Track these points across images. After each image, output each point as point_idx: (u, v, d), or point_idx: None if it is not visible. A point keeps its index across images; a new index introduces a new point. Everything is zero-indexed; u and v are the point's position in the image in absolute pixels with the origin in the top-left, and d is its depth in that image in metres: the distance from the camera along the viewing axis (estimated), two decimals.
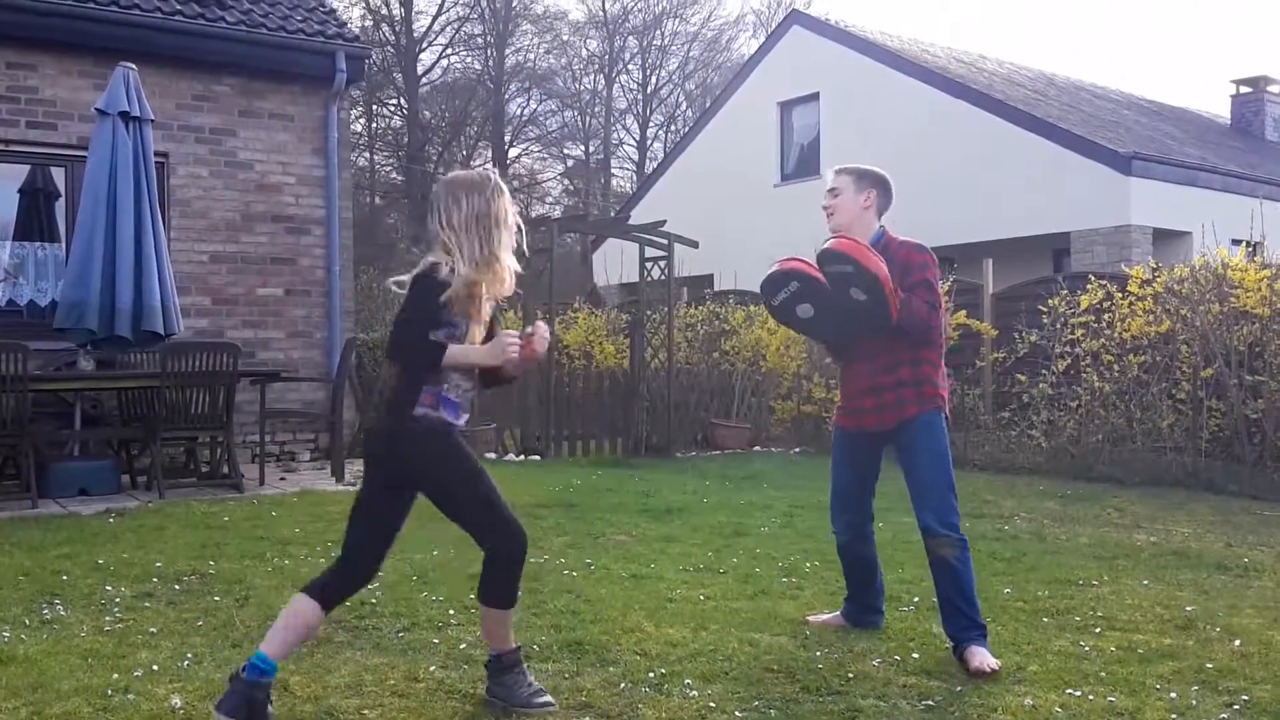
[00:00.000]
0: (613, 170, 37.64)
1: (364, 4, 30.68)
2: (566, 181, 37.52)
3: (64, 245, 9.04)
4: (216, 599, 4.62)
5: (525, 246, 3.42)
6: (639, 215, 18.23)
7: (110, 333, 7.60)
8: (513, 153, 35.14)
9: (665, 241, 11.57)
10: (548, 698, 3.32)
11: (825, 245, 3.99)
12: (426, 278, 3.18)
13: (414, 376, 3.24)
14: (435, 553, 5.47)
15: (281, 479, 8.69)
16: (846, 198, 4.15)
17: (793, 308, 4.07)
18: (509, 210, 3.34)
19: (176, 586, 4.84)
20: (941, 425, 4.05)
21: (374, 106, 32.18)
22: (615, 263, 19.74)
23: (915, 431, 4.02)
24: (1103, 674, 3.66)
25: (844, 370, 4.30)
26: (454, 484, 3.25)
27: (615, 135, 37.31)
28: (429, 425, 3.22)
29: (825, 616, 4.40)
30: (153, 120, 7.98)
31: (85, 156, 8.01)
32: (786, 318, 4.17)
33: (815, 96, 19.19)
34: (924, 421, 4.01)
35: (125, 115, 7.66)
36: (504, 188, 3.36)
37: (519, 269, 3.35)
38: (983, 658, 3.70)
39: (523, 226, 3.38)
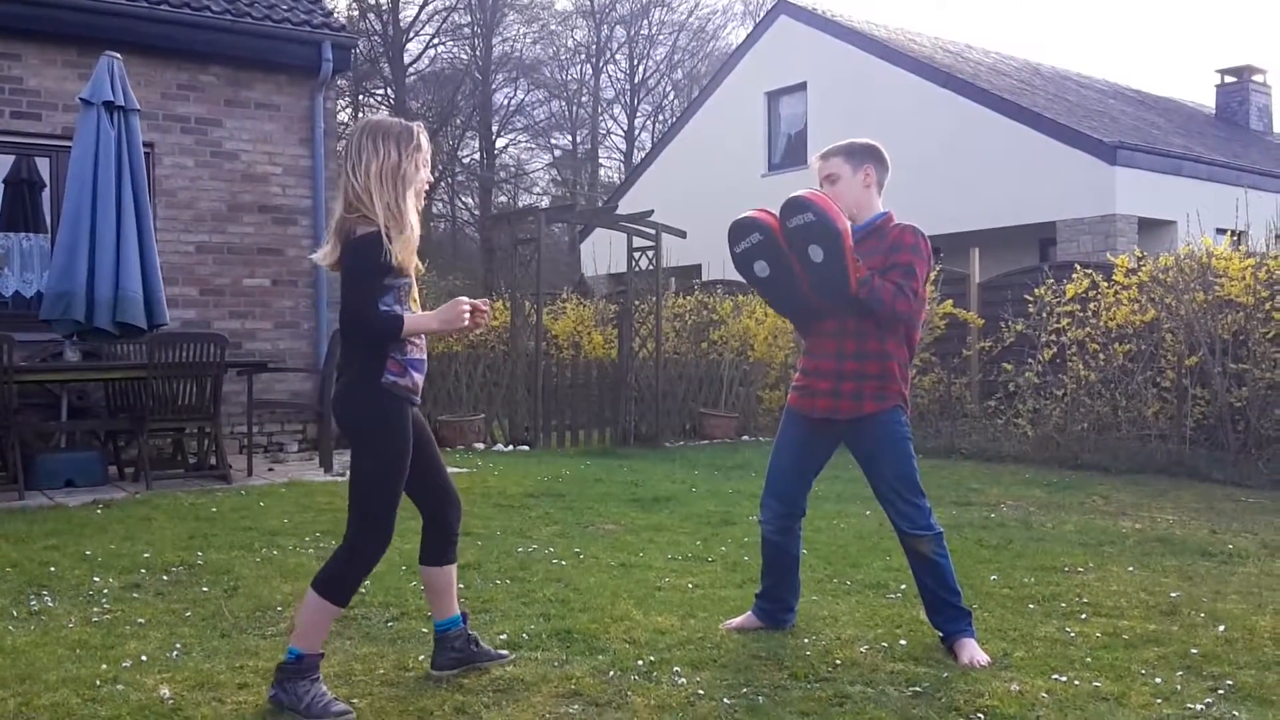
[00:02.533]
0: (600, 160, 37.64)
1: None
2: (554, 171, 37.48)
3: (50, 236, 9.00)
4: (205, 589, 4.62)
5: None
6: (627, 205, 18.21)
7: (96, 323, 7.56)
8: (500, 143, 35.12)
9: (653, 231, 11.57)
10: (343, 706, 3.15)
11: (791, 194, 3.73)
12: (364, 244, 3.14)
13: (377, 347, 3.23)
14: None
15: (269, 469, 8.68)
16: (845, 182, 3.88)
17: (751, 261, 3.85)
18: (423, 171, 3.29)
19: (165, 577, 4.84)
20: (902, 422, 3.83)
21: (361, 96, 32.09)
22: (603, 253, 19.75)
23: (874, 431, 3.81)
24: (1088, 659, 3.69)
25: (806, 344, 4.01)
26: (369, 456, 3.22)
27: (603, 125, 37.29)
28: (396, 393, 3.23)
29: (739, 620, 4.11)
30: (138, 110, 7.94)
31: (70, 146, 7.98)
32: (745, 270, 3.91)
33: (803, 86, 19.20)
34: (884, 421, 3.80)
35: (110, 105, 7.62)
36: (424, 145, 3.30)
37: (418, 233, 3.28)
38: (972, 652, 3.69)
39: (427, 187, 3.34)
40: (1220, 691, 3.38)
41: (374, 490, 3.20)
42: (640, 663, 3.62)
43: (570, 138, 36.87)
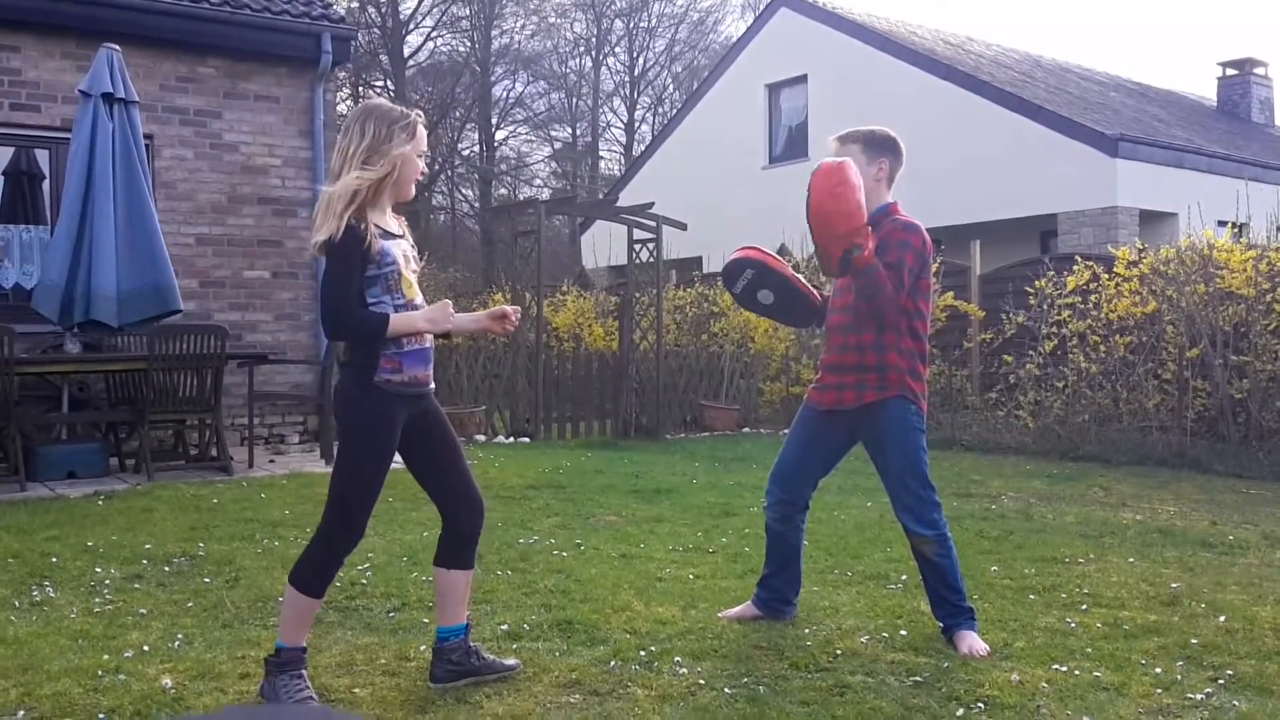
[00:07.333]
0: (600, 153, 37.57)
1: None
2: (554, 164, 37.42)
3: (50, 228, 8.99)
4: (206, 580, 4.62)
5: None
6: (627, 197, 18.21)
7: (94, 316, 7.54)
8: (500, 135, 35.05)
9: (653, 223, 11.55)
10: (308, 696, 3.10)
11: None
12: (346, 232, 3.04)
13: (369, 343, 3.14)
14: (425, 534, 5.48)
15: (270, 461, 8.68)
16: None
17: (753, 293, 4.06)
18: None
19: (166, 568, 4.84)
20: (909, 415, 3.79)
21: (360, 88, 31.97)
22: (604, 245, 19.74)
23: (879, 422, 3.80)
24: (1089, 650, 3.69)
25: (824, 341, 4.10)
26: (350, 450, 3.18)
27: (603, 117, 37.21)
28: (390, 390, 3.15)
29: (737, 610, 4.12)
30: (138, 102, 7.92)
31: (69, 138, 7.96)
32: (749, 304, 4.13)
33: (803, 78, 19.16)
34: (888, 412, 3.78)
35: (109, 97, 7.60)
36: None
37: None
38: (971, 642, 3.70)
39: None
40: (1220, 681, 3.39)
41: (349, 484, 3.16)
42: (641, 653, 3.63)
43: (570, 130, 36.81)
